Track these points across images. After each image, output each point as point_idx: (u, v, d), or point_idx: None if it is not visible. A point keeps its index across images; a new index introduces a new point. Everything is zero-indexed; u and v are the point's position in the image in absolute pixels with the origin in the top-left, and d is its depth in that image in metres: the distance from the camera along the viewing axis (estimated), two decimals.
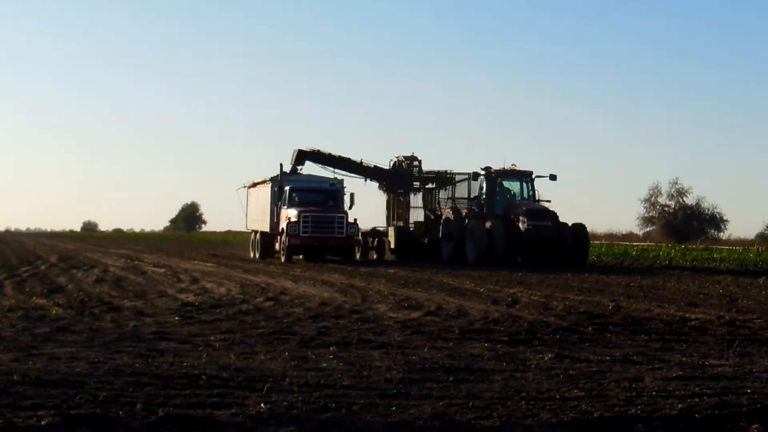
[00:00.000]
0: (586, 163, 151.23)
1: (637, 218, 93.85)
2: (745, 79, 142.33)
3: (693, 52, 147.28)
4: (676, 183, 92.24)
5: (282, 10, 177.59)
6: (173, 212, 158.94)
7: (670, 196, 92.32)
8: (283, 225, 35.96)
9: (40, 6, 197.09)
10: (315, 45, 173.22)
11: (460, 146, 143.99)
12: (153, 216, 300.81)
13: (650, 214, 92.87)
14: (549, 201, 36.53)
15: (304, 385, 8.15)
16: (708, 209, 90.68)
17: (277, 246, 37.34)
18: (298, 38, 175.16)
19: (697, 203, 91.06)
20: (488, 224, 34.52)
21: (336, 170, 41.31)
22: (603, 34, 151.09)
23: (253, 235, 41.80)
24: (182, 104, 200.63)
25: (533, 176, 36.85)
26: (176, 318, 13.89)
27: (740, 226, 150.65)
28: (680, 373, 9.20)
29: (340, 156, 41.93)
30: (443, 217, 37.81)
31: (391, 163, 42.76)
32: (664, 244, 61.15)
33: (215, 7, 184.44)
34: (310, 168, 41.61)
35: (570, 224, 35.13)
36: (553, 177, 36.63)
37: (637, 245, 57.51)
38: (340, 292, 19.43)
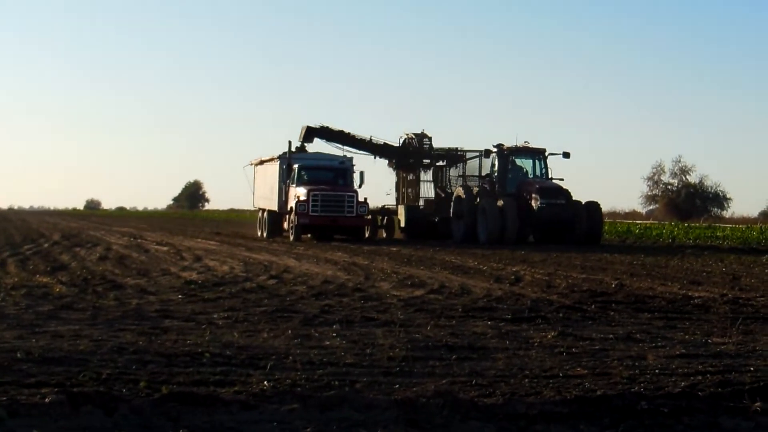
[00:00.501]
0: (589, 141, 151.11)
1: (640, 196, 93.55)
2: (748, 58, 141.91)
3: (696, 30, 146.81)
4: (679, 161, 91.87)
5: None
6: (176, 190, 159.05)
7: (673, 175, 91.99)
8: (291, 204, 35.42)
9: None
10: (322, 19, 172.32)
11: (470, 123, 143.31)
12: (156, 194, 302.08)
13: (653, 192, 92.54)
14: (562, 179, 35.69)
15: (307, 362, 8.16)
16: (711, 187, 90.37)
17: (285, 225, 36.78)
18: (304, 12, 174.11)
19: (700, 181, 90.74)
20: (500, 203, 33.79)
21: (345, 147, 40.56)
22: (606, 14, 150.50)
23: (260, 214, 41.11)
24: (186, 82, 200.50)
25: (546, 154, 36.06)
26: (179, 296, 13.91)
27: (743, 205, 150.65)
28: (683, 351, 9.21)
29: (349, 133, 41.14)
30: (454, 195, 37.00)
31: (401, 140, 41.97)
32: (667, 223, 61.07)
33: None
34: (318, 145, 40.99)
35: (583, 202, 34.51)
36: (566, 155, 35.83)
37: (640, 223, 57.46)
38: (343, 270, 19.44)
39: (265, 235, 38.54)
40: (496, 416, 6.42)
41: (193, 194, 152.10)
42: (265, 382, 7.17)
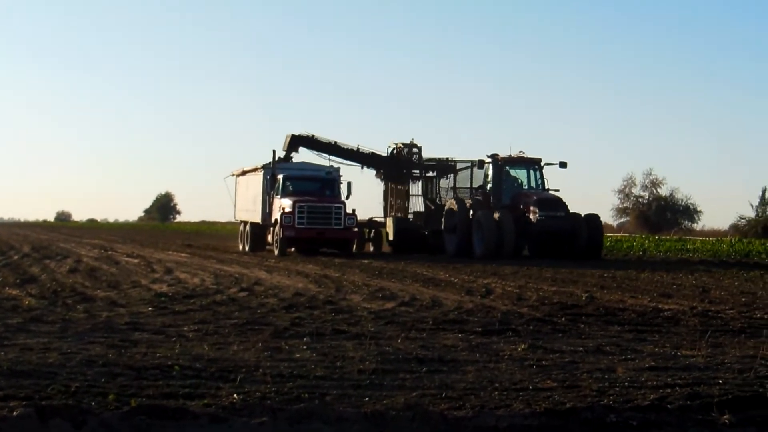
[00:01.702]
0: (559, 152, 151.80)
1: (611, 209, 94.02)
2: (719, 71, 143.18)
3: (667, 44, 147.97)
4: (650, 174, 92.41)
5: None
6: (147, 202, 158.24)
7: (644, 187, 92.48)
8: (276, 216, 33.84)
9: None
10: (306, 25, 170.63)
11: (460, 133, 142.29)
12: (127, 206, 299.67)
13: (624, 205, 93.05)
14: (557, 190, 34.54)
15: (277, 375, 8.15)
16: (682, 200, 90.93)
17: (269, 238, 35.27)
18: (287, 18, 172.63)
19: (671, 194, 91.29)
20: (496, 215, 32.51)
21: (331, 157, 39.32)
22: (573, 28, 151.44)
23: (242, 227, 39.50)
24: (157, 92, 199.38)
25: (542, 164, 34.74)
26: (149, 308, 13.85)
27: (714, 218, 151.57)
28: (653, 363, 9.26)
29: (335, 142, 39.90)
30: (446, 208, 35.41)
31: (390, 150, 40.72)
32: (638, 235, 61.47)
33: None
34: (304, 155, 39.73)
35: (583, 215, 33.38)
36: (563, 164, 34.78)
37: (611, 236, 57.66)
38: (314, 282, 19.42)
39: (247, 248, 37.02)
40: (465, 429, 6.44)
41: (164, 206, 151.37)
42: (235, 395, 7.15)
